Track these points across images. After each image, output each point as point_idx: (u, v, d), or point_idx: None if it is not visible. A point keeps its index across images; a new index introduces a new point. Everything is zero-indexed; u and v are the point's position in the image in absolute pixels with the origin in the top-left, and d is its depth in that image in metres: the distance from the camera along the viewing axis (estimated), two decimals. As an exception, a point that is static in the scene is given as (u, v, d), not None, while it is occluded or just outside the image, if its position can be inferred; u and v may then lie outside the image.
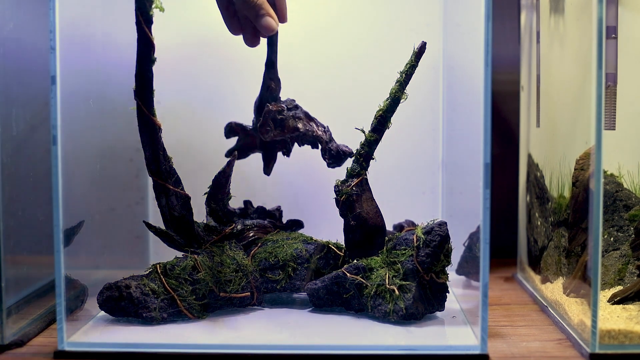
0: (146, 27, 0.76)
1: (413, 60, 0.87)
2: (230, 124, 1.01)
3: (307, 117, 0.96)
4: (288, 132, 0.95)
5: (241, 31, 0.95)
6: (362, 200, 0.89)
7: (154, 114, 0.81)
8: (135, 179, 1.08)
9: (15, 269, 0.80)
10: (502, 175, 1.20)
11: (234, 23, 0.94)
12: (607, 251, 0.89)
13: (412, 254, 0.83)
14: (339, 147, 0.95)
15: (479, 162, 0.72)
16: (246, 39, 0.95)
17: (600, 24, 0.73)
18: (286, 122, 0.94)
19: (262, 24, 0.90)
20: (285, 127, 0.94)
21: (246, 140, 1.00)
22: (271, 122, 0.93)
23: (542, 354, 0.76)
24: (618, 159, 0.90)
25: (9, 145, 0.80)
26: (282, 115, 0.94)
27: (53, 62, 0.72)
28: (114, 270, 0.94)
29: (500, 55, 1.10)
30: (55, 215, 0.73)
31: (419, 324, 0.83)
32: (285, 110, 0.94)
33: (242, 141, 1.01)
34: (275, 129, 0.94)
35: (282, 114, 0.94)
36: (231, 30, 0.95)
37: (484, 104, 0.72)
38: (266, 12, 0.90)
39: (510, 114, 1.21)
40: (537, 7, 1.03)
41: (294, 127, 0.94)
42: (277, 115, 0.93)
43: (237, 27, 0.94)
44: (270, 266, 0.90)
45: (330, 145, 0.95)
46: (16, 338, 0.78)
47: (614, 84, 0.86)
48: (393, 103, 0.88)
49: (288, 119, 0.94)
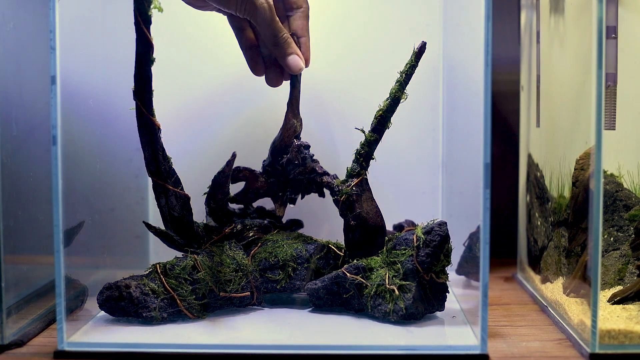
0: (145, 28, 0.76)
1: (413, 60, 0.87)
2: (239, 168, 0.98)
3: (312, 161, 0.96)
4: (307, 171, 0.93)
5: (264, 72, 0.95)
6: (362, 200, 0.89)
7: (153, 114, 0.81)
8: (135, 179, 1.08)
9: (15, 269, 0.80)
10: (502, 175, 1.20)
11: (258, 63, 0.95)
12: (607, 251, 0.89)
13: (412, 254, 0.83)
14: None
15: (479, 162, 0.72)
16: (269, 79, 0.95)
17: (600, 24, 0.73)
18: (307, 162, 0.93)
19: (289, 62, 0.91)
20: (306, 165, 0.93)
21: (254, 184, 0.99)
22: (299, 157, 0.92)
23: (542, 354, 0.76)
24: (618, 159, 0.90)
25: (9, 145, 0.80)
26: (303, 154, 0.93)
27: (53, 62, 0.72)
28: (114, 270, 0.94)
29: (500, 55, 1.10)
30: (55, 215, 0.72)
31: (419, 324, 0.83)
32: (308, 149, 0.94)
33: (249, 185, 0.99)
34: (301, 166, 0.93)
35: (303, 152, 0.93)
36: (255, 72, 0.95)
37: (484, 104, 0.72)
38: (294, 51, 0.91)
39: (510, 114, 1.21)
40: (537, 7, 1.03)
41: (312, 168, 0.93)
42: (300, 154, 0.93)
43: (261, 68, 0.95)
44: (270, 266, 0.90)
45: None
46: (16, 338, 0.78)
47: (614, 84, 0.86)
48: (393, 103, 0.88)
49: (307, 159, 0.93)
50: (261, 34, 0.91)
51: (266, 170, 0.97)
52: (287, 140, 0.94)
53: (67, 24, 0.75)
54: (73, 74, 0.81)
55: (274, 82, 0.95)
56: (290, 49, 0.91)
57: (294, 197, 0.99)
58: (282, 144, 0.95)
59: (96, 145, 0.92)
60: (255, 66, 0.95)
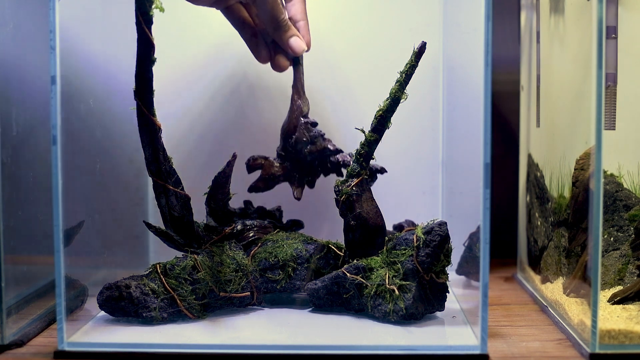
0: (146, 28, 0.76)
1: (413, 60, 0.87)
2: (253, 157, 0.99)
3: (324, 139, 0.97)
4: (317, 150, 0.95)
5: (269, 58, 0.97)
6: (362, 200, 0.89)
7: (153, 114, 0.81)
8: (135, 179, 1.08)
9: (15, 269, 0.80)
10: (502, 175, 1.20)
11: (262, 51, 0.96)
12: (607, 251, 0.90)
13: (412, 254, 0.83)
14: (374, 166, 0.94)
15: (479, 162, 0.72)
16: (274, 64, 0.97)
17: (600, 24, 0.73)
18: (317, 140, 0.95)
19: (291, 44, 0.94)
20: (316, 144, 0.95)
21: (270, 170, 0.99)
22: (306, 133, 0.93)
23: (542, 354, 0.76)
24: (618, 159, 0.90)
25: (9, 145, 0.80)
26: (312, 132, 0.94)
27: (53, 62, 0.72)
28: (114, 270, 0.94)
29: (500, 55, 1.10)
30: (55, 215, 0.72)
31: (419, 324, 0.83)
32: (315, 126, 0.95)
33: (265, 172, 0.99)
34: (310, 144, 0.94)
35: (312, 130, 0.94)
36: (259, 59, 0.97)
37: (484, 104, 0.72)
38: (294, 33, 0.94)
39: (510, 114, 1.21)
40: (537, 7, 1.03)
41: (324, 146, 0.94)
42: (308, 132, 0.94)
43: (265, 55, 0.96)
44: (270, 266, 0.90)
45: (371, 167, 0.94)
46: (16, 338, 0.78)
47: (614, 84, 0.86)
48: (393, 103, 0.88)
49: (318, 138, 0.95)
50: (262, 18, 0.94)
51: (280, 155, 0.99)
52: (295, 122, 0.96)
53: (67, 24, 0.75)
54: (73, 74, 0.81)
55: (280, 67, 0.97)
56: (292, 31, 0.94)
57: (310, 179, 1.00)
58: (290, 126, 0.96)
59: (96, 145, 0.92)
60: (260, 54, 0.97)
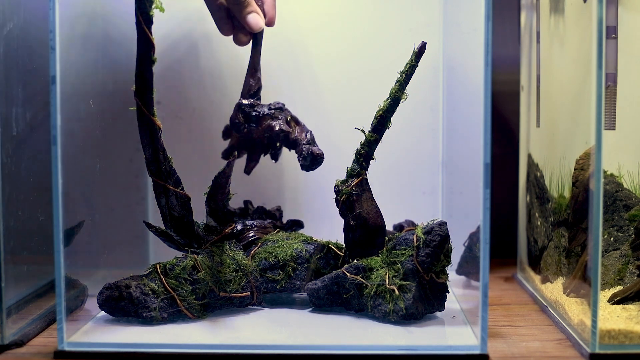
0: (146, 27, 0.76)
1: (413, 60, 0.87)
2: (226, 126, 1.02)
3: (295, 121, 0.97)
4: (262, 129, 0.95)
5: (232, 32, 0.97)
6: (362, 200, 0.89)
7: (153, 114, 0.81)
8: (135, 179, 1.08)
9: (15, 269, 0.80)
10: (502, 175, 1.20)
11: (225, 24, 0.97)
12: (607, 251, 0.89)
13: (412, 254, 0.83)
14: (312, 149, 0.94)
15: (479, 162, 0.72)
16: (236, 39, 0.98)
17: (600, 24, 0.73)
18: (262, 120, 0.95)
19: (249, 20, 0.94)
20: (260, 124, 0.95)
21: (237, 141, 1.02)
22: (241, 115, 0.94)
23: (542, 354, 0.76)
24: (618, 159, 0.90)
25: (9, 145, 0.80)
26: (256, 112, 0.95)
27: (53, 62, 0.72)
28: (114, 270, 0.94)
29: (500, 55, 1.10)
30: (55, 215, 0.72)
31: (419, 324, 0.83)
32: (264, 108, 0.95)
33: (233, 141, 1.02)
34: (248, 124, 0.94)
35: (256, 110, 0.94)
36: (222, 31, 0.98)
37: (484, 104, 0.72)
38: (253, 9, 0.95)
39: (510, 114, 1.21)
40: (537, 7, 1.03)
41: (269, 125, 0.94)
42: (251, 111, 0.94)
43: (228, 28, 0.97)
44: (270, 266, 0.90)
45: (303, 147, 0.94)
46: (16, 338, 0.78)
47: (614, 84, 0.86)
48: (393, 103, 0.88)
49: (265, 117, 0.95)
50: None
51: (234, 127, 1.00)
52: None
53: (67, 24, 0.75)
54: (73, 74, 0.81)
55: (240, 42, 0.98)
56: (250, 8, 0.94)
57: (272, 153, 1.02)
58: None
59: (96, 145, 0.92)
60: (223, 27, 0.97)
